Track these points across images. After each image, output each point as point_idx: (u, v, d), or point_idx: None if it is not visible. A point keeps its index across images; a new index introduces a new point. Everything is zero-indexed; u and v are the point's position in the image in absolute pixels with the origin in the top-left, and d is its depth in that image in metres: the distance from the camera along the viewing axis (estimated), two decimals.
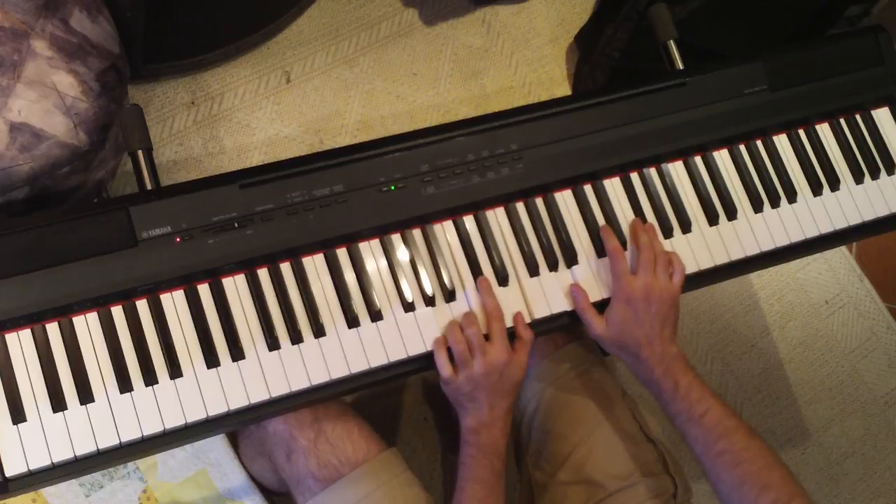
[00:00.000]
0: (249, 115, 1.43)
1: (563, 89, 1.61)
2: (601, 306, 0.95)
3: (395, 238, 0.92)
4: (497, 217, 0.95)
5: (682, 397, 0.88)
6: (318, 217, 0.88)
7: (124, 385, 0.81)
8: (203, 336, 0.84)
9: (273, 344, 0.85)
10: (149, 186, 0.88)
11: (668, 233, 0.99)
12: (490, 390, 0.88)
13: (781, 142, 1.06)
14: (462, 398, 0.89)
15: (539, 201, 0.97)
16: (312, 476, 0.92)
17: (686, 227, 1.00)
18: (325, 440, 0.92)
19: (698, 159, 1.03)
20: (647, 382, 0.92)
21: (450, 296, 0.91)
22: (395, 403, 1.39)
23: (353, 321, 0.88)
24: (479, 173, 0.93)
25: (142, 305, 0.83)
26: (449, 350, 0.88)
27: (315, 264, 0.89)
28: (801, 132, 1.08)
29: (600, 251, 0.96)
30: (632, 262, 0.95)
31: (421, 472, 1.38)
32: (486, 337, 0.89)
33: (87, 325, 0.81)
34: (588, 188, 0.98)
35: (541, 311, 0.93)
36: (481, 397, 0.88)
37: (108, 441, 0.79)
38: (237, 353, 0.84)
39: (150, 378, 0.81)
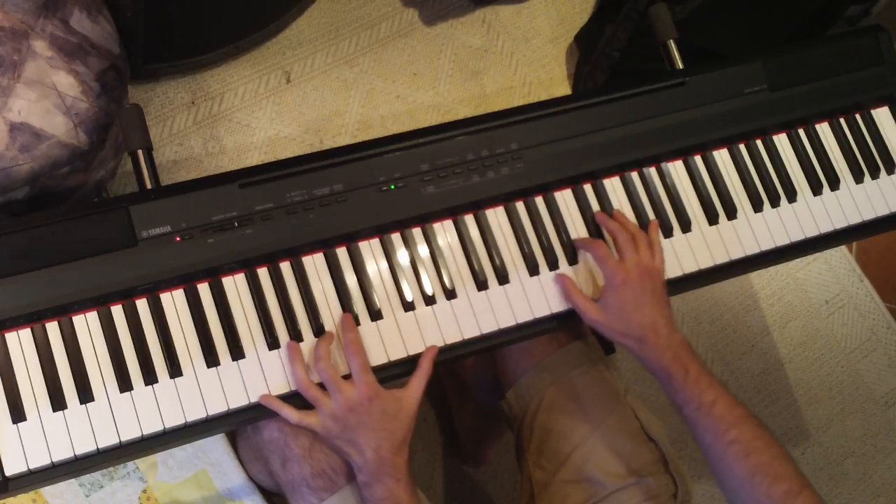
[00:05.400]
0: (249, 115, 1.43)
1: (563, 89, 1.61)
2: None
3: (395, 237, 0.92)
4: (497, 216, 0.95)
5: (693, 384, 0.85)
6: (317, 216, 0.88)
7: (124, 384, 0.81)
8: (203, 335, 0.84)
9: (273, 343, 0.85)
10: (149, 186, 0.88)
11: (668, 232, 0.99)
12: (365, 430, 0.82)
13: (781, 141, 1.07)
14: (339, 443, 0.83)
15: (539, 200, 0.97)
16: (307, 484, 0.92)
17: (686, 226, 1.00)
18: (320, 448, 0.92)
19: (698, 159, 1.03)
20: (656, 369, 0.88)
21: (450, 295, 0.91)
22: None
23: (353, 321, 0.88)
24: (479, 173, 0.93)
25: (142, 305, 0.83)
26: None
27: (315, 264, 0.89)
28: (801, 132, 1.08)
29: None
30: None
31: (420, 473, 1.38)
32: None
33: (86, 325, 0.81)
34: (588, 188, 0.98)
35: (541, 311, 0.93)
36: (359, 440, 0.82)
37: (107, 440, 0.79)
38: (237, 352, 0.84)
39: (149, 377, 0.81)
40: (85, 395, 0.80)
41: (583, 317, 0.92)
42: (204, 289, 0.85)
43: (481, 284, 0.92)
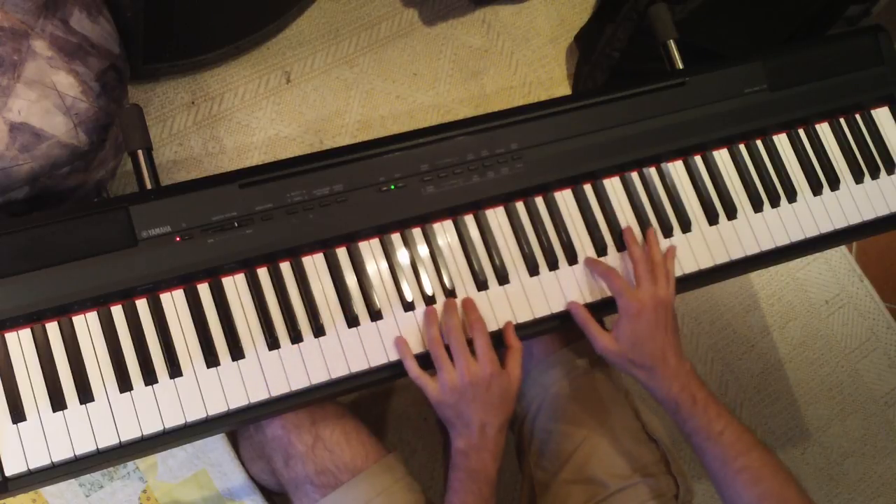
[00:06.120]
0: (249, 115, 1.43)
1: (563, 89, 1.61)
2: (601, 306, 0.95)
3: (395, 237, 0.92)
4: (497, 217, 0.95)
5: (701, 413, 0.86)
6: (317, 216, 0.88)
7: (124, 384, 0.81)
8: (203, 335, 0.84)
9: (273, 343, 0.85)
10: (149, 186, 0.88)
11: (667, 233, 0.99)
12: (478, 405, 0.85)
13: (781, 141, 1.07)
14: (449, 412, 0.86)
15: (539, 201, 0.97)
16: (310, 482, 0.92)
17: (686, 226, 1.00)
18: (323, 446, 0.92)
19: (698, 159, 1.03)
20: (664, 399, 0.89)
21: (450, 295, 0.91)
22: (395, 404, 1.39)
23: (352, 321, 0.88)
24: (479, 173, 0.93)
25: (141, 305, 0.83)
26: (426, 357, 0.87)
27: (315, 264, 0.89)
28: (801, 132, 1.08)
29: (600, 251, 0.96)
30: (621, 268, 0.95)
31: (420, 472, 1.38)
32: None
33: (86, 325, 0.81)
34: (588, 188, 0.98)
35: (541, 311, 0.93)
36: (470, 414, 0.85)
37: (107, 440, 0.79)
38: (237, 352, 0.84)
39: (149, 377, 0.81)
40: (85, 395, 0.80)
41: (594, 345, 0.92)
42: (204, 289, 0.85)
43: (481, 284, 0.92)
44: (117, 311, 0.82)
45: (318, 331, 0.87)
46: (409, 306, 0.90)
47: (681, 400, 0.88)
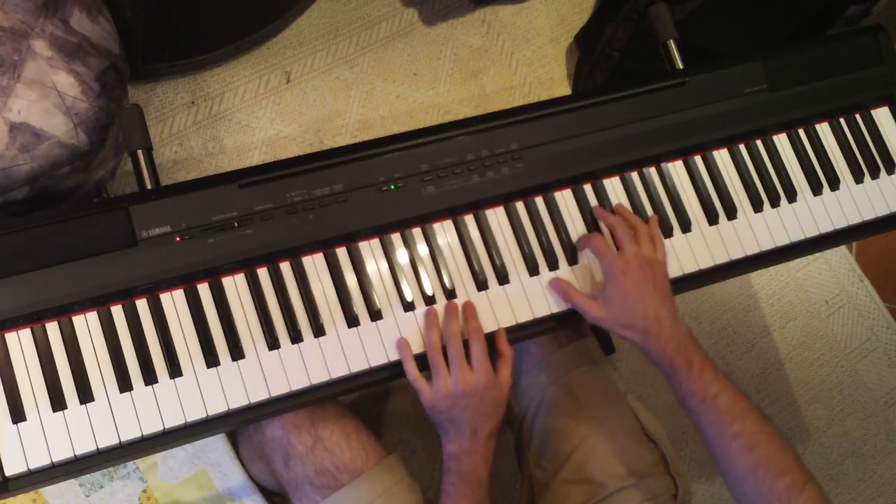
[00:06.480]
0: (249, 115, 1.43)
1: (563, 89, 1.61)
2: None
3: (395, 237, 0.92)
4: (497, 217, 0.95)
5: (697, 377, 0.85)
6: (317, 216, 0.88)
7: (124, 384, 0.81)
8: (203, 335, 0.84)
9: (273, 343, 0.85)
10: (149, 186, 0.88)
11: (668, 232, 0.99)
12: (471, 413, 0.86)
13: (781, 141, 1.07)
14: (441, 417, 0.87)
15: (539, 201, 0.97)
16: (310, 482, 0.92)
17: (686, 226, 1.00)
18: (323, 447, 0.92)
19: (698, 159, 1.03)
20: (659, 360, 0.88)
21: (450, 295, 0.91)
22: (395, 404, 1.39)
23: (352, 321, 0.88)
24: (479, 173, 0.93)
25: (141, 305, 0.83)
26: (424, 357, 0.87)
27: (315, 264, 0.89)
28: (801, 132, 1.08)
29: None
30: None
31: (420, 472, 1.38)
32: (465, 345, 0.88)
33: (86, 325, 0.81)
34: (588, 188, 0.98)
35: (541, 311, 0.93)
36: (462, 419, 0.86)
37: (107, 440, 0.79)
38: (237, 352, 0.84)
39: (149, 377, 0.81)
40: (85, 395, 0.80)
41: (585, 316, 0.91)
42: (204, 289, 0.85)
43: (481, 284, 0.92)
44: (117, 311, 0.82)
45: (318, 331, 0.87)
46: (409, 306, 0.90)
47: (676, 362, 0.86)
